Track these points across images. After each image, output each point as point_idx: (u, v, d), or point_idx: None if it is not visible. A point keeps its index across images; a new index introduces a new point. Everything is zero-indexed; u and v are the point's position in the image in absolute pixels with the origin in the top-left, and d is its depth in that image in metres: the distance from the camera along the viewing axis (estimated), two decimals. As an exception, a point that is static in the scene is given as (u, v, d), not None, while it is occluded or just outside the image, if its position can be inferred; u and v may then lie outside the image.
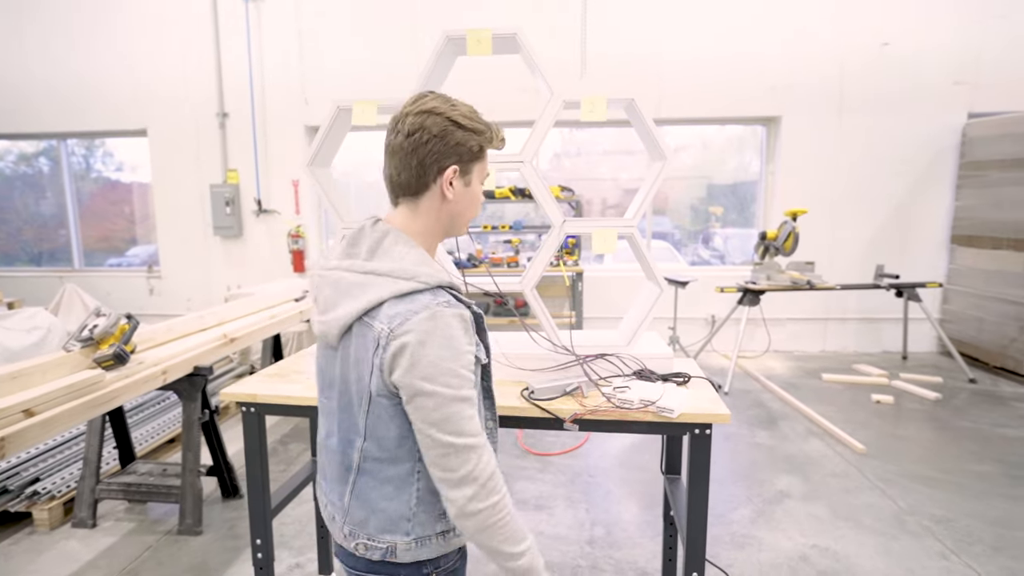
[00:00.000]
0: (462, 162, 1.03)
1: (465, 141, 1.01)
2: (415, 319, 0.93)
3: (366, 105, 1.66)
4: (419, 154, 1.00)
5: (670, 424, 1.52)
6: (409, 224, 1.05)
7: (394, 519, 1.04)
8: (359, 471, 1.04)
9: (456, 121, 1.00)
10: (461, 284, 1.09)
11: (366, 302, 0.97)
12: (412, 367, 0.93)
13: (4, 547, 2.49)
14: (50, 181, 6.41)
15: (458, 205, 1.06)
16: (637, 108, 1.67)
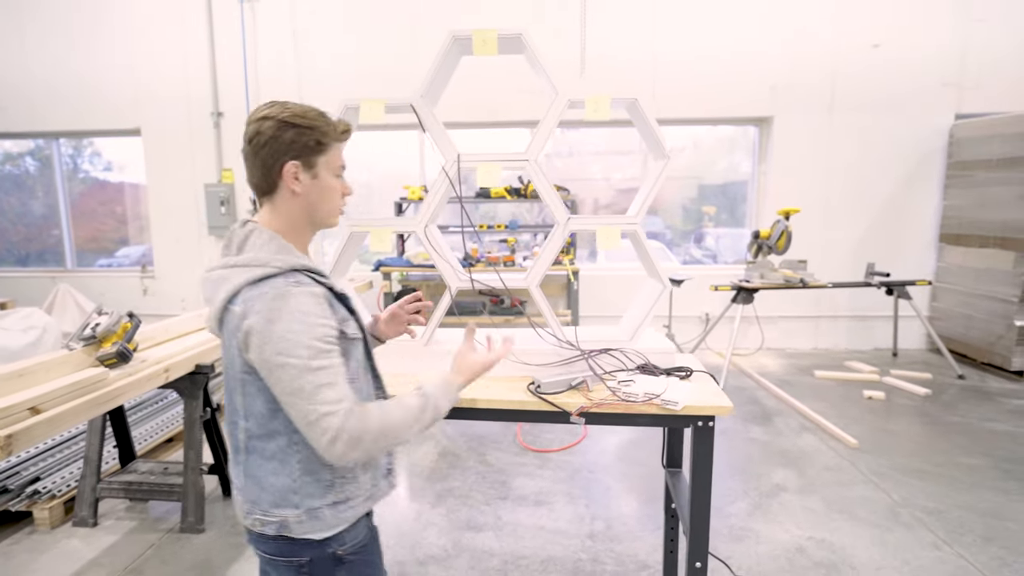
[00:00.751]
0: (301, 157, 1.09)
1: (298, 138, 1.08)
2: (263, 299, 1.01)
3: (373, 104, 1.68)
4: (260, 156, 1.08)
5: (674, 417, 1.56)
6: (272, 221, 1.13)
7: (282, 493, 1.09)
8: (246, 450, 1.11)
9: (286, 121, 1.07)
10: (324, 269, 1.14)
11: (226, 292, 1.04)
12: (264, 344, 0.99)
13: (5, 547, 2.48)
14: (40, 181, 6.36)
15: (309, 198, 1.12)
16: (640, 107, 1.71)
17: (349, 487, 1.12)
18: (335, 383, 1.01)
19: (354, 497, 1.13)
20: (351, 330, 1.12)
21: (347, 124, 1.15)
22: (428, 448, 3.50)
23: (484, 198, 5.34)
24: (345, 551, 1.13)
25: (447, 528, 2.64)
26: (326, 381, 1.00)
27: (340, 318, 1.09)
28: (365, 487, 1.15)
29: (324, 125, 1.10)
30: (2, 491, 2.60)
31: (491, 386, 1.68)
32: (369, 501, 1.17)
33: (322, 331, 1.02)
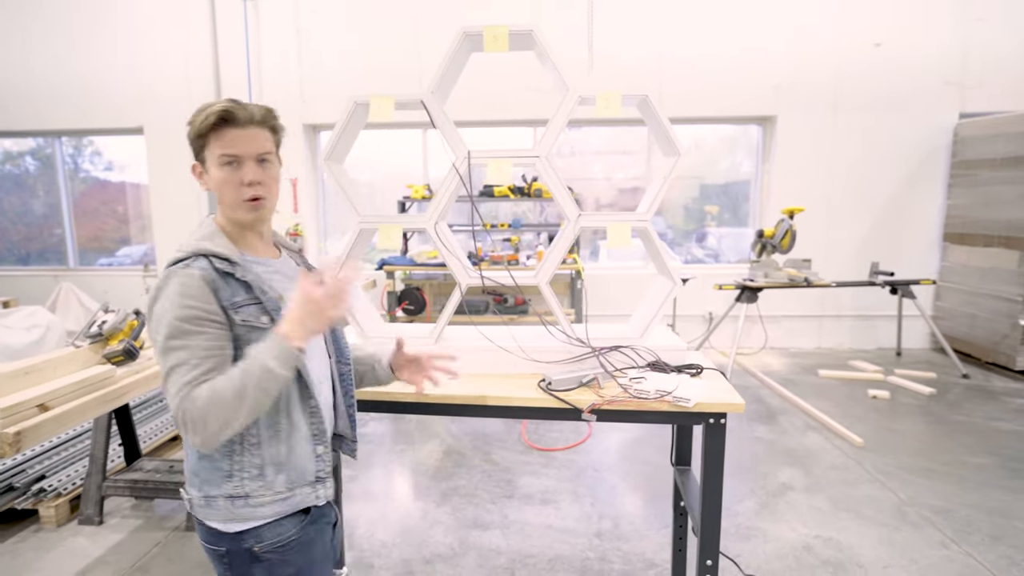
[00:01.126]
0: (197, 156, 1.13)
1: (190, 137, 1.11)
2: (158, 282, 1.06)
3: (383, 100, 1.67)
4: None
5: (686, 414, 1.55)
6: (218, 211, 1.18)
7: (190, 471, 1.13)
8: None
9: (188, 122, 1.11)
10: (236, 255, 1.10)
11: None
12: (149, 321, 1.06)
13: (11, 545, 2.48)
14: (41, 180, 6.34)
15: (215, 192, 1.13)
16: (651, 104, 1.70)
17: (251, 484, 1.09)
18: (186, 364, 1.00)
19: (258, 495, 1.09)
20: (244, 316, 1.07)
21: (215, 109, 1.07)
22: (433, 447, 3.50)
23: (488, 197, 5.33)
24: (262, 548, 1.10)
25: (453, 526, 2.63)
26: (177, 363, 1.00)
27: (233, 302, 1.06)
28: (276, 488, 1.11)
29: (196, 119, 1.09)
30: (8, 489, 2.59)
31: (502, 383, 1.67)
32: (282, 505, 1.11)
33: (187, 312, 1.01)
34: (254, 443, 1.09)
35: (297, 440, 1.13)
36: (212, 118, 1.06)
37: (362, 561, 2.39)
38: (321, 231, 6.19)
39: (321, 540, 1.19)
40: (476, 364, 1.77)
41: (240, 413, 0.99)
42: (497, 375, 1.74)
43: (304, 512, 1.15)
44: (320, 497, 1.17)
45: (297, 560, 1.14)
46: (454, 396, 1.60)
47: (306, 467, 1.15)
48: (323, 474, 1.17)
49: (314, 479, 1.16)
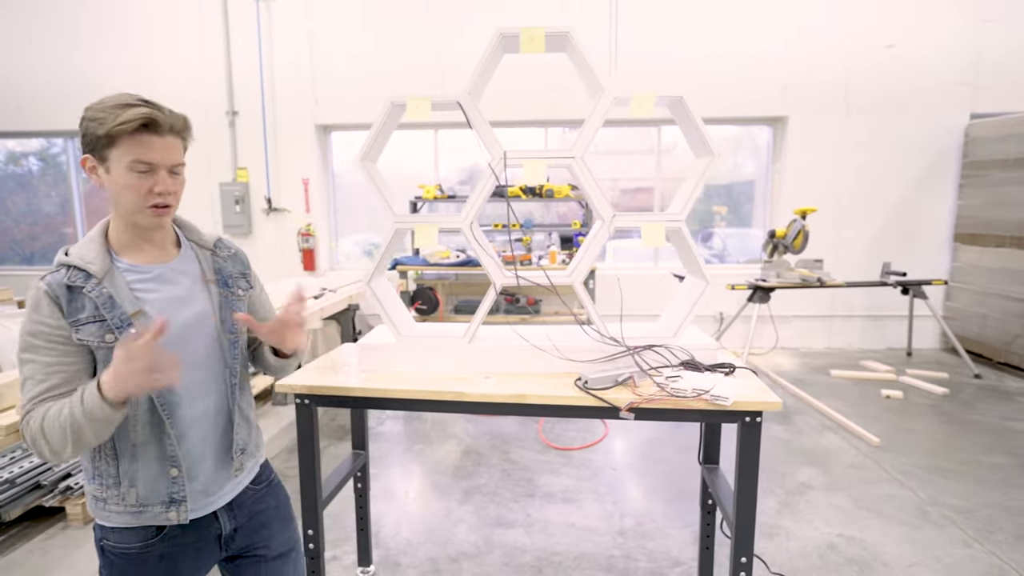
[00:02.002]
0: (93, 151, 1.06)
1: (88, 130, 1.04)
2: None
3: (420, 101, 1.69)
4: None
5: (723, 412, 1.56)
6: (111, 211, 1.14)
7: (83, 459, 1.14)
8: None
9: (85, 113, 1.05)
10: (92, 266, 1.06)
11: None
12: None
13: (40, 542, 2.49)
14: (44, 180, 6.36)
15: (112, 192, 1.08)
16: (685, 105, 1.72)
17: (108, 491, 1.11)
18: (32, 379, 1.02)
19: (111, 502, 1.11)
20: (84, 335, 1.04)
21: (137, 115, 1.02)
22: (451, 447, 3.51)
23: (499, 197, 5.33)
24: (108, 546, 1.14)
25: (477, 525, 2.64)
26: (25, 376, 1.03)
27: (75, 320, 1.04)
28: (129, 501, 1.11)
29: (105, 117, 1.02)
30: (35, 487, 2.61)
31: (537, 382, 1.69)
32: (133, 518, 1.11)
33: (34, 327, 1.03)
34: (109, 455, 1.10)
35: (146, 462, 1.11)
36: (134, 123, 1.02)
37: (388, 559, 2.40)
38: (332, 231, 6.21)
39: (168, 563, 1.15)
40: (509, 363, 1.79)
41: (66, 447, 0.98)
42: (530, 374, 1.76)
43: (158, 529, 1.14)
44: (173, 519, 1.13)
45: (129, 570, 1.13)
46: (494, 395, 1.61)
47: (157, 488, 1.12)
48: (179, 496, 1.13)
49: (167, 500, 1.13)
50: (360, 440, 2.23)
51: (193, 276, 1.20)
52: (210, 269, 1.23)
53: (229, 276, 1.26)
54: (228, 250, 1.29)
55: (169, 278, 1.16)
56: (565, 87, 5.54)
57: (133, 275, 1.11)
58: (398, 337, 1.83)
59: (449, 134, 5.94)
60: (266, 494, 1.33)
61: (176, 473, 1.13)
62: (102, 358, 1.05)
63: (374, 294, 1.84)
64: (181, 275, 1.18)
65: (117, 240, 1.12)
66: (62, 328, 1.03)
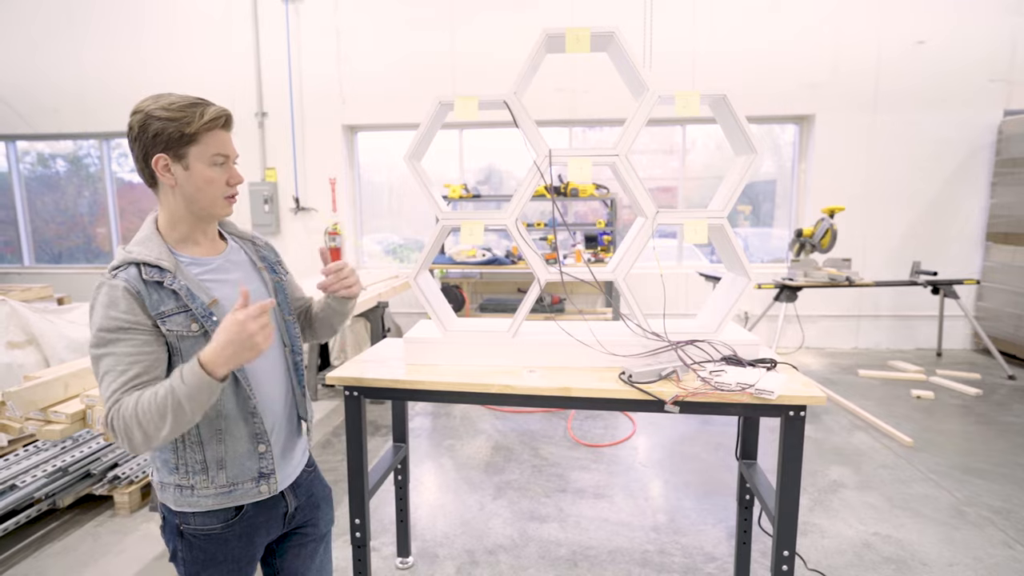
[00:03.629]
0: (169, 149, 1.09)
1: (163, 130, 1.08)
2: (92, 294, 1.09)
3: (467, 101, 1.73)
4: (135, 150, 1.12)
5: (767, 406, 1.58)
6: (161, 212, 1.18)
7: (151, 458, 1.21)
8: None
9: (151, 114, 1.08)
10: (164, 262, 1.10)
11: None
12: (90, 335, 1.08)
13: (91, 528, 2.59)
14: (72, 182, 6.54)
15: (186, 189, 1.13)
16: (728, 103, 1.74)
17: (196, 477, 1.16)
18: (113, 371, 1.04)
19: (201, 488, 1.16)
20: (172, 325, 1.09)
21: (219, 112, 1.12)
22: (480, 442, 3.56)
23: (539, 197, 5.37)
24: (187, 530, 1.19)
25: (511, 519, 2.68)
26: (105, 370, 1.05)
27: (161, 311, 1.08)
28: (217, 484, 1.16)
29: (188, 116, 1.09)
30: (85, 475, 2.71)
31: (581, 376, 1.72)
32: (224, 498, 1.17)
33: (112, 322, 1.04)
34: (195, 442, 1.15)
35: (234, 441, 1.17)
36: (219, 121, 1.11)
37: (426, 551, 2.45)
38: (358, 229, 6.30)
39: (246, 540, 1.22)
40: (550, 358, 1.83)
41: (163, 430, 1.00)
42: (572, 368, 1.79)
43: (237, 510, 1.20)
44: (264, 492, 1.21)
45: (211, 549, 1.19)
46: (539, 388, 1.65)
47: (247, 466, 1.19)
48: (267, 469, 1.21)
49: (257, 475, 1.20)
50: (401, 433, 2.28)
51: (245, 265, 1.28)
52: (257, 258, 1.32)
53: (273, 263, 1.36)
54: (262, 240, 1.38)
55: (226, 268, 1.23)
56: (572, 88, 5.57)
57: (197, 268, 1.17)
58: (443, 332, 1.87)
59: (469, 134, 5.98)
60: (315, 476, 1.42)
61: (264, 449, 1.20)
62: (187, 348, 1.10)
63: (420, 289, 1.89)
64: (235, 265, 1.25)
65: (171, 236, 1.17)
66: (141, 321, 1.06)
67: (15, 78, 6.15)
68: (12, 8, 6.05)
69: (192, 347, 1.10)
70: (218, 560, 1.20)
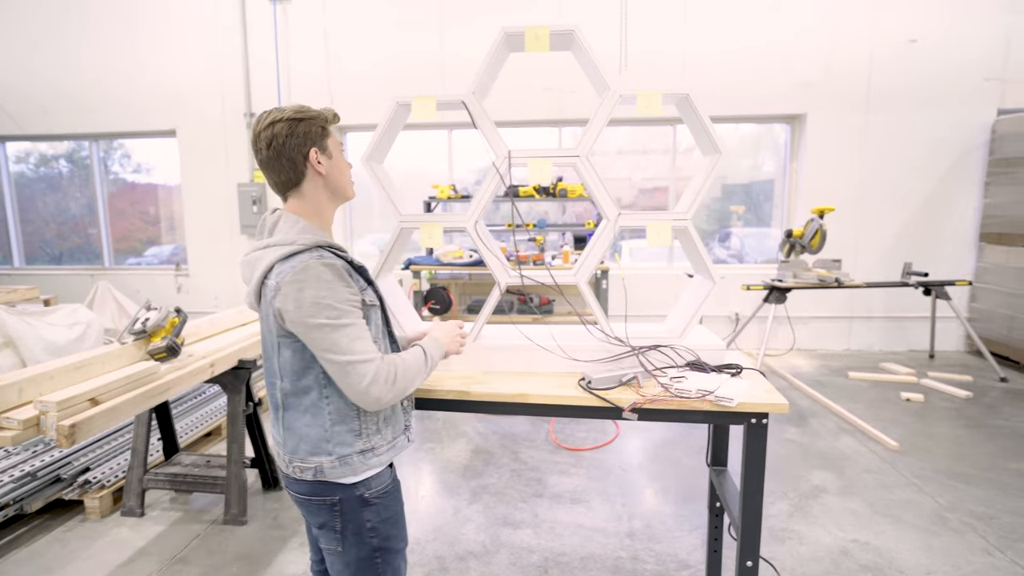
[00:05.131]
0: (317, 143, 1.27)
1: (308, 129, 1.25)
2: (292, 272, 1.16)
3: (425, 101, 1.69)
4: (284, 155, 1.25)
5: (728, 413, 1.54)
6: (303, 208, 1.30)
7: (317, 442, 1.25)
8: (284, 407, 1.28)
9: (294, 118, 1.24)
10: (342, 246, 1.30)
11: (262, 268, 1.21)
12: (298, 308, 1.15)
13: (59, 534, 2.56)
14: (73, 181, 6.54)
15: (331, 176, 1.31)
16: (691, 103, 1.70)
17: (374, 437, 1.29)
18: (363, 337, 1.19)
19: (379, 447, 1.30)
20: (369, 298, 1.27)
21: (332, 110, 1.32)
22: (461, 446, 3.52)
23: (513, 197, 5.34)
24: (371, 495, 1.29)
25: (485, 524, 2.65)
26: (354, 335, 1.17)
27: (359, 287, 1.25)
28: (387, 439, 1.32)
29: (319, 114, 1.27)
30: (55, 480, 2.68)
31: (541, 382, 1.68)
32: (391, 452, 1.33)
33: (343, 295, 1.17)
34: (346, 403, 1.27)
35: None
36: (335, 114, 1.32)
37: (396, 556, 2.41)
38: (348, 232, 6.27)
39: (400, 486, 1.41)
40: (514, 362, 1.79)
41: (414, 386, 1.27)
42: (535, 373, 1.75)
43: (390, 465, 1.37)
44: (409, 440, 1.40)
45: (392, 505, 1.35)
46: (496, 394, 1.61)
47: (399, 419, 1.37)
48: (408, 421, 1.40)
49: (404, 427, 1.38)
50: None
51: None
52: None
53: None
54: None
55: None
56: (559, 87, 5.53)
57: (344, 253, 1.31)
58: (400, 331, 1.83)
59: (463, 134, 5.95)
60: None
61: (405, 403, 1.40)
62: (371, 318, 1.28)
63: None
64: None
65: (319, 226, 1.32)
66: (356, 294, 1.22)
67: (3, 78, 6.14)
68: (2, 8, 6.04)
69: (373, 317, 1.29)
70: (397, 515, 1.36)
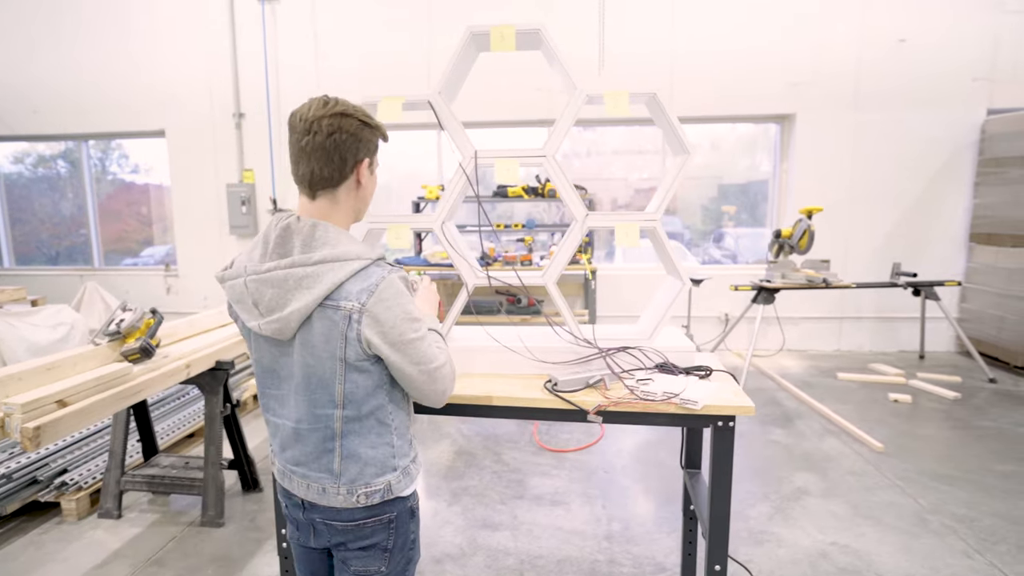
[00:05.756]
0: (370, 154, 1.20)
1: (372, 137, 1.19)
2: (378, 290, 1.10)
3: (391, 101, 1.68)
4: (340, 151, 1.13)
5: (693, 416, 1.53)
6: (331, 213, 1.18)
7: (384, 460, 1.21)
8: (343, 435, 1.18)
9: (364, 121, 1.16)
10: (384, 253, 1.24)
11: (326, 287, 1.08)
12: (393, 328, 1.11)
13: (34, 536, 2.55)
14: (70, 182, 6.53)
15: (367, 190, 1.23)
16: (659, 102, 1.68)
17: (412, 452, 1.29)
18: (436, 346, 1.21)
19: (414, 464, 1.30)
20: None
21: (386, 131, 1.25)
22: (444, 447, 3.51)
23: (502, 197, 5.34)
24: (415, 504, 1.30)
25: (463, 527, 2.63)
26: (432, 340, 1.20)
27: None
28: (419, 459, 1.33)
29: (382, 128, 1.22)
30: (32, 482, 2.66)
31: (507, 384, 1.67)
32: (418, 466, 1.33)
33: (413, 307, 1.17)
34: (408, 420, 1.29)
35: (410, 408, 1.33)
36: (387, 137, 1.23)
37: (372, 559, 2.40)
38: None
39: None
40: (484, 364, 1.77)
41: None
42: (504, 375, 1.74)
43: None
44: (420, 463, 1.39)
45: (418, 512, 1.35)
46: (461, 396, 1.60)
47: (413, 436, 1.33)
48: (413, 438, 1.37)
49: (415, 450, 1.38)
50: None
51: None
52: None
53: None
54: None
55: None
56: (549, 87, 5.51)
57: None
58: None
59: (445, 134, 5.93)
60: None
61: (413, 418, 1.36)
62: None
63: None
64: None
65: None
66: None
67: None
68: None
69: None
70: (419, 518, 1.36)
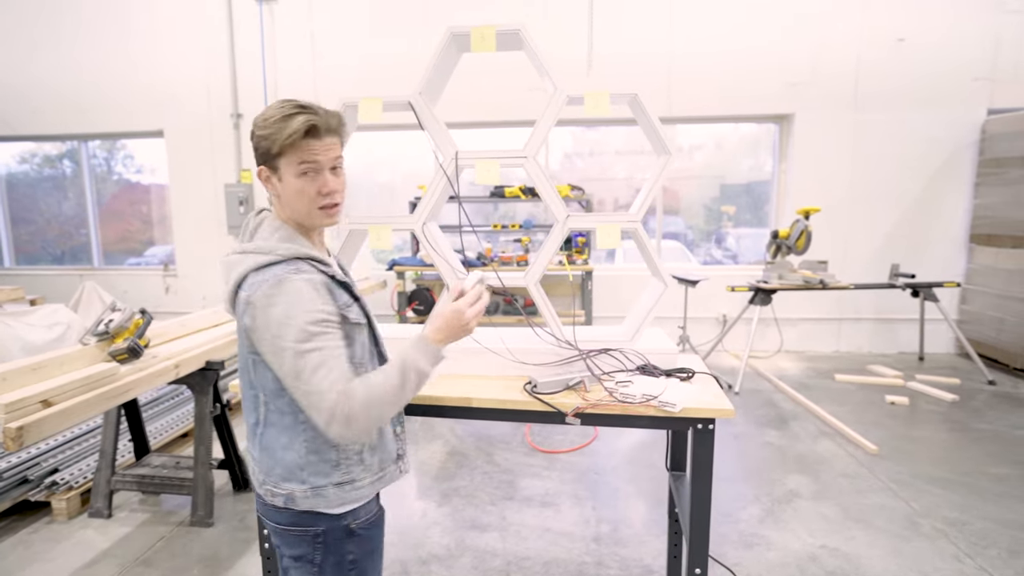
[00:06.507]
0: (265, 162, 1.13)
1: (258, 144, 1.12)
2: (264, 286, 1.06)
3: (371, 102, 1.68)
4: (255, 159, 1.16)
5: (673, 419, 1.52)
6: (282, 212, 1.18)
7: (291, 468, 1.15)
8: (265, 423, 1.16)
9: (254, 130, 1.12)
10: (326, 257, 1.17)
11: (236, 276, 1.10)
12: (264, 329, 1.05)
13: (24, 535, 2.56)
14: (72, 182, 6.56)
15: (285, 198, 1.15)
16: (640, 103, 1.67)
17: (355, 469, 1.17)
18: (326, 365, 1.03)
19: (360, 479, 1.18)
20: (353, 315, 1.16)
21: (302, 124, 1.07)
22: (436, 448, 3.50)
23: (499, 198, 5.33)
24: (358, 525, 1.20)
25: (451, 527, 2.63)
26: (317, 363, 1.02)
27: (342, 303, 1.14)
28: (373, 469, 1.20)
29: (276, 132, 1.08)
30: (22, 481, 2.68)
31: (487, 385, 1.66)
32: (378, 483, 1.22)
33: (316, 316, 1.05)
34: None
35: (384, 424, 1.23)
36: (299, 133, 1.07)
37: (359, 560, 2.40)
38: (332, 231, 6.25)
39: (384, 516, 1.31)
40: (466, 366, 1.77)
41: (395, 408, 1.09)
42: (486, 377, 1.74)
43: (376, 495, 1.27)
44: (402, 471, 1.29)
45: (376, 534, 1.26)
46: (440, 397, 1.59)
47: (390, 447, 1.25)
48: (401, 451, 1.29)
49: (396, 456, 1.27)
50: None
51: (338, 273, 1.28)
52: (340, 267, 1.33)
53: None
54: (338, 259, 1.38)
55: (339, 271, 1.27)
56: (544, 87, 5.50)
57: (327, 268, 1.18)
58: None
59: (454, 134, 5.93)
60: None
61: (400, 430, 1.29)
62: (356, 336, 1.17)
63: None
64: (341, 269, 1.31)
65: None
66: (335, 313, 1.10)
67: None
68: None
69: (359, 337, 1.18)
70: (377, 548, 1.27)
